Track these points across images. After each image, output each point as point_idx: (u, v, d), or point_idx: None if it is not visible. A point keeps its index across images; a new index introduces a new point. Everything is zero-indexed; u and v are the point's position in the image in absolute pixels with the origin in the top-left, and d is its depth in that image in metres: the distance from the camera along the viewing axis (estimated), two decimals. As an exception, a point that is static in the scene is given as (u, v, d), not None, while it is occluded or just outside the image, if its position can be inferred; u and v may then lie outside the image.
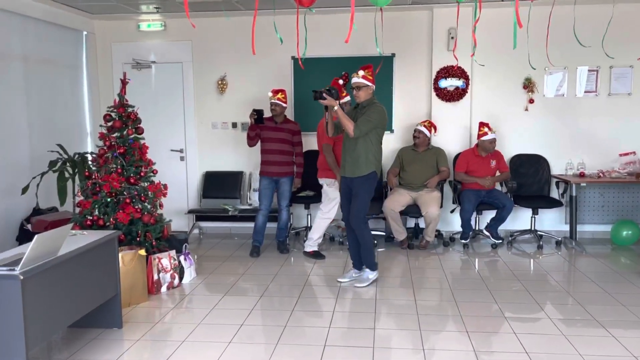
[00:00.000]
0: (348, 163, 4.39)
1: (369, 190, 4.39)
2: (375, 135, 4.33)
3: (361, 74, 4.31)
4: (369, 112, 4.28)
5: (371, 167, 4.33)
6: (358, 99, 4.37)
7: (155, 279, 4.27)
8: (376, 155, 4.38)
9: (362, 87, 4.31)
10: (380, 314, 3.85)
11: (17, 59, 5.23)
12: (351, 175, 4.39)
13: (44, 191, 5.18)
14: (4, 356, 2.60)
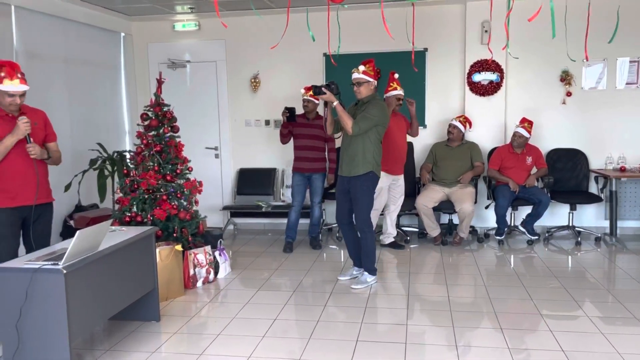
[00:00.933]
0: (344, 162, 4.25)
1: (369, 192, 4.24)
2: (375, 134, 4.18)
3: (362, 69, 4.16)
4: (369, 108, 4.14)
5: (368, 167, 4.17)
6: (359, 95, 4.22)
7: (191, 273, 4.37)
8: (375, 154, 4.20)
9: (363, 82, 4.17)
10: (412, 310, 3.84)
11: (59, 61, 5.42)
12: (347, 175, 4.24)
13: (86, 188, 5.36)
14: (48, 347, 2.72)
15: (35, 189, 3.37)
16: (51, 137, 3.61)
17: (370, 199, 4.31)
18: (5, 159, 3.26)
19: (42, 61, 5.14)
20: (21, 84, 3.25)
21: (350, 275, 4.53)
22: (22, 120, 3.24)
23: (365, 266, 4.41)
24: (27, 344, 2.72)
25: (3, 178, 3.28)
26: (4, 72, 3.19)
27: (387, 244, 5.51)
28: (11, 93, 3.23)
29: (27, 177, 3.35)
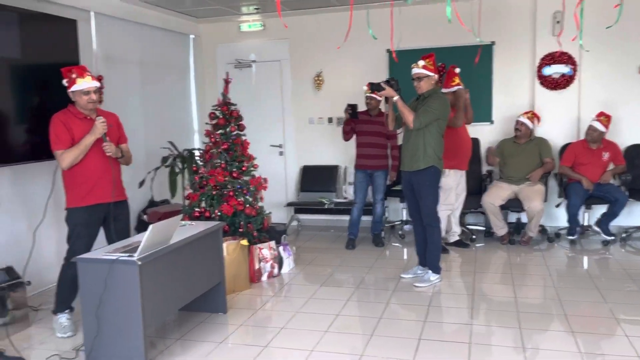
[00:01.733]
0: (406, 156, 4.25)
1: (433, 186, 4.22)
2: (436, 128, 4.15)
3: (421, 64, 4.15)
4: (430, 102, 4.12)
5: (430, 161, 4.14)
6: (419, 89, 4.20)
7: (256, 268, 4.49)
8: (436, 149, 4.17)
9: (423, 77, 4.16)
10: (477, 310, 3.76)
11: (134, 64, 5.70)
12: (409, 169, 4.24)
13: (158, 185, 5.62)
14: (124, 334, 2.89)
15: (110, 187, 3.51)
16: (123, 139, 3.77)
17: (436, 193, 4.28)
18: (84, 159, 3.42)
19: (119, 64, 5.43)
20: (93, 80, 3.40)
21: (413, 274, 4.49)
22: (99, 120, 3.41)
23: (429, 263, 4.36)
24: (105, 331, 2.90)
25: (82, 176, 3.44)
26: (75, 73, 3.36)
27: (452, 243, 5.42)
28: (86, 90, 3.37)
29: (103, 176, 3.50)
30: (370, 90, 4.23)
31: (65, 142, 3.38)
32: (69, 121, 3.40)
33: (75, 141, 3.40)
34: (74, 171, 3.43)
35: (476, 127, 5.81)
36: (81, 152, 3.39)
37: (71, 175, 3.45)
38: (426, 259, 4.40)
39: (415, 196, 4.30)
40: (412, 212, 4.42)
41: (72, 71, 3.37)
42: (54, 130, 3.38)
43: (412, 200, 4.36)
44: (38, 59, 4.06)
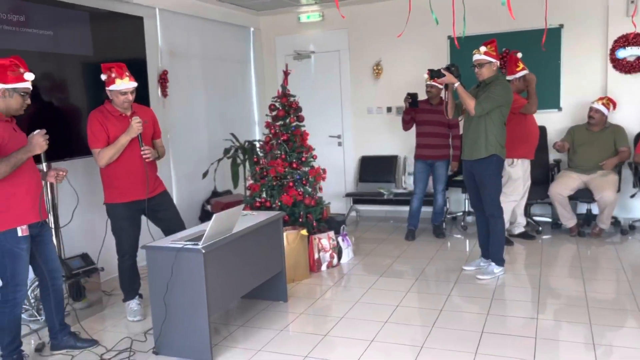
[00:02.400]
0: (467, 144, 4.16)
1: (495, 175, 4.12)
2: (498, 115, 4.03)
3: (483, 50, 4.05)
4: (492, 88, 4.00)
5: (491, 149, 4.03)
6: (480, 76, 4.10)
7: (315, 257, 4.53)
8: (498, 137, 4.05)
9: (485, 64, 4.05)
10: (544, 304, 3.63)
11: (197, 57, 5.86)
12: (469, 158, 4.14)
13: (220, 175, 5.77)
14: (190, 320, 3.00)
15: (144, 185, 3.56)
16: (158, 134, 3.80)
17: (498, 182, 4.17)
18: (119, 158, 3.48)
19: (182, 59, 5.59)
20: (131, 81, 3.45)
21: (476, 266, 4.39)
22: (135, 121, 3.45)
23: (492, 255, 4.25)
24: (172, 316, 3.02)
25: (118, 174, 3.52)
26: (114, 72, 3.42)
27: (517, 234, 5.24)
28: (123, 91, 3.44)
29: (137, 175, 3.55)
30: (430, 77, 4.14)
31: (102, 140, 3.45)
32: (105, 119, 3.47)
33: (110, 139, 3.46)
34: (110, 169, 3.51)
35: (543, 114, 5.57)
36: (117, 151, 3.45)
37: (108, 174, 3.54)
38: (489, 250, 4.29)
39: (477, 186, 4.20)
40: (474, 203, 4.32)
41: (112, 70, 3.43)
42: (91, 129, 3.46)
43: (474, 191, 4.26)
44: (108, 56, 4.24)
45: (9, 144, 2.81)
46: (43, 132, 2.85)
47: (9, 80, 2.80)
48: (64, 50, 3.85)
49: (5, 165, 2.72)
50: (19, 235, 2.86)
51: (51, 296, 3.14)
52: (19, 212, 2.86)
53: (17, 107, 2.87)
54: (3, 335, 2.93)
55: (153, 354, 3.11)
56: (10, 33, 3.48)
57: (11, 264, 2.87)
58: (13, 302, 2.91)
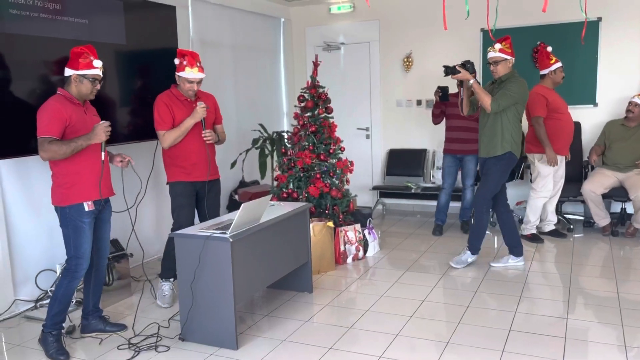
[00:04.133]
0: (483, 142, 4.17)
1: (502, 173, 4.12)
2: (514, 112, 4.04)
3: (498, 47, 4.05)
4: (508, 85, 4.00)
5: (507, 147, 4.04)
6: (496, 74, 4.10)
7: (341, 250, 4.52)
8: (514, 134, 4.05)
9: (500, 61, 4.05)
10: (574, 303, 3.55)
11: (227, 48, 5.88)
12: (485, 155, 4.16)
13: (248, 166, 5.81)
14: (217, 308, 3.03)
15: (206, 167, 3.71)
16: (219, 120, 3.94)
17: (500, 181, 4.18)
18: (182, 140, 3.63)
19: (213, 48, 5.62)
20: (199, 72, 3.58)
21: (504, 263, 4.33)
22: (200, 106, 3.58)
23: (471, 243, 4.33)
24: (199, 304, 3.05)
25: (181, 156, 3.66)
26: (186, 60, 3.54)
27: (547, 232, 5.14)
28: (190, 80, 3.57)
29: (200, 156, 3.70)
30: (445, 74, 4.11)
31: (167, 123, 3.58)
32: (171, 103, 3.61)
33: (175, 122, 3.59)
34: (173, 151, 3.65)
35: (577, 110, 5.44)
36: (181, 134, 3.59)
37: (171, 155, 3.67)
38: (469, 239, 4.35)
39: (481, 180, 4.26)
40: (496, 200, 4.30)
41: (185, 57, 3.55)
42: (157, 111, 3.60)
43: None
44: (140, 45, 4.30)
45: (76, 124, 3.01)
46: (106, 124, 3.02)
47: (80, 66, 3.02)
48: (98, 39, 3.90)
49: (66, 148, 2.92)
50: (85, 209, 3.05)
51: (93, 275, 3.27)
52: (85, 189, 3.06)
53: (87, 92, 3.08)
54: (53, 304, 3.06)
55: (179, 340, 3.15)
56: (47, 21, 3.54)
57: (75, 237, 3.05)
58: (74, 274, 3.06)
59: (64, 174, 3.02)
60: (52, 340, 3.04)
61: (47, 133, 2.91)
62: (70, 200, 3.03)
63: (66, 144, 2.92)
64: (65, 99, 3.02)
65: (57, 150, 2.90)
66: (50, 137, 2.91)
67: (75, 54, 3.03)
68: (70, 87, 3.04)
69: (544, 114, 4.74)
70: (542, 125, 4.75)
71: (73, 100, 3.04)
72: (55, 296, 3.07)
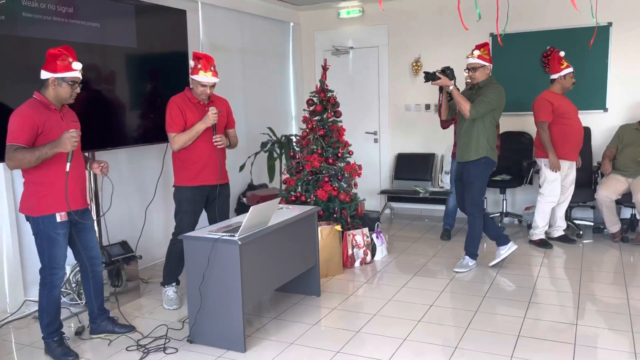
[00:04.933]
0: (459, 147, 4.29)
1: (482, 177, 4.23)
2: (490, 118, 4.15)
3: (476, 54, 4.14)
4: (486, 92, 4.10)
5: (482, 152, 4.14)
6: (474, 80, 4.20)
7: (349, 253, 4.52)
8: (489, 139, 4.16)
9: (479, 67, 4.15)
10: (584, 309, 3.53)
11: (237, 52, 5.91)
12: (461, 160, 4.28)
13: (257, 169, 5.83)
14: (225, 310, 3.03)
15: (216, 171, 3.70)
16: (231, 124, 3.93)
17: (483, 184, 4.29)
18: (193, 144, 3.61)
19: (223, 52, 5.65)
20: (213, 77, 3.57)
21: (499, 257, 4.45)
22: (212, 111, 3.57)
23: (467, 249, 4.42)
24: (208, 306, 3.06)
25: (189, 160, 3.65)
26: (200, 64, 3.53)
27: (556, 237, 5.11)
28: (204, 83, 3.56)
29: (209, 160, 3.68)
30: (425, 80, 4.14)
31: (179, 125, 3.58)
32: (184, 105, 3.61)
33: (187, 125, 3.59)
34: (183, 154, 3.64)
35: (587, 115, 5.41)
36: (191, 138, 3.58)
37: (180, 158, 3.66)
38: (465, 245, 4.42)
39: (465, 190, 4.31)
40: (462, 204, 4.42)
41: (200, 60, 3.54)
42: (170, 113, 3.60)
43: (461, 192, 4.39)
44: (151, 49, 4.33)
45: (50, 131, 2.86)
46: (73, 133, 2.81)
47: (58, 69, 2.87)
48: (109, 42, 3.94)
49: (31, 156, 2.77)
50: (57, 220, 2.94)
51: (90, 282, 3.23)
52: (57, 199, 2.93)
53: (65, 96, 2.94)
54: (43, 316, 3.03)
55: (188, 342, 3.16)
56: (59, 24, 3.58)
57: (49, 248, 2.96)
58: (50, 284, 3.00)
59: (37, 183, 2.90)
60: (56, 345, 3.03)
61: (14, 140, 2.76)
62: (41, 211, 2.90)
63: (30, 152, 2.76)
64: (41, 104, 2.88)
65: (22, 159, 2.75)
66: (17, 145, 2.76)
67: (52, 55, 2.87)
68: (48, 91, 2.89)
69: (549, 119, 4.73)
70: (546, 130, 4.75)
71: (49, 105, 2.89)
72: (41, 308, 3.02)
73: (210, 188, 3.73)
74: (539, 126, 4.81)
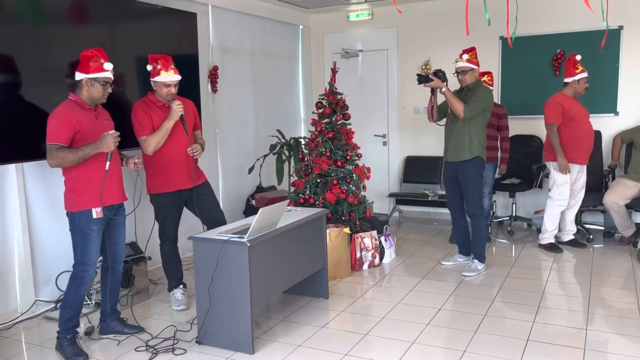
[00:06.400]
0: (451, 147, 4.35)
1: (478, 176, 4.31)
2: (481, 119, 4.25)
3: (466, 57, 4.27)
4: (477, 93, 4.21)
5: (475, 151, 4.24)
6: (463, 83, 4.31)
7: (358, 256, 4.52)
8: (481, 139, 4.27)
9: (468, 71, 4.28)
10: (594, 314, 3.50)
11: (246, 54, 5.94)
12: (454, 160, 4.33)
13: (265, 171, 5.84)
14: (233, 311, 3.04)
15: (189, 175, 3.64)
16: (198, 126, 3.86)
17: (480, 184, 4.36)
18: (164, 150, 3.54)
19: (232, 55, 5.68)
20: (175, 74, 3.51)
21: (453, 262, 4.53)
22: (175, 104, 3.50)
23: (475, 252, 4.45)
24: (216, 307, 3.07)
25: (160, 166, 3.59)
26: (160, 64, 3.48)
27: (566, 242, 5.07)
28: (167, 83, 3.50)
29: (181, 165, 3.62)
30: (418, 82, 4.25)
31: (148, 128, 3.52)
32: (149, 109, 3.55)
33: (155, 128, 3.52)
34: (154, 159, 3.58)
35: (598, 118, 5.38)
36: (163, 137, 3.51)
37: (152, 163, 3.61)
38: (473, 248, 4.47)
39: (456, 186, 4.39)
40: (451, 202, 4.50)
41: (158, 61, 3.49)
42: (136, 118, 3.54)
43: (453, 190, 4.45)
44: (161, 51, 4.34)
45: (87, 130, 2.99)
46: (116, 135, 2.98)
47: (91, 70, 2.99)
48: (119, 44, 3.97)
49: (74, 156, 2.91)
50: (93, 217, 3.03)
51: (109, 279, 3.28)
52: (95, 195, 3.02)
53: (98, 96, 3.05)
54: (64, 311, 3.07)
55: (196, 343, 3.17)
56: (69, 26, 3.61)
57: (82, 243, 3.04)
58: (80, 280, 3.06)
59: (75, 180, 3.01)
60: (68, 343, 3.06)
61: (55, 140, 2.89)
62: (79, 207, 3.01)
63: (74, 152, 2.90)
64: (76, 104, 3.00)
65: (65, 158, 2.89)
66: (59, 144, 2.89)
67: (86, 57, 2.99)
68: (82, 92, 3.02)
69: (559, 121, 4.71)
70: (555, 133, 4.73)
71: (84, 105, 3.01)
72: (65, 303, 3.07)
73: (187, 191, 3.68)
74: (548, 128, 4.79)
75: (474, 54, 4.32)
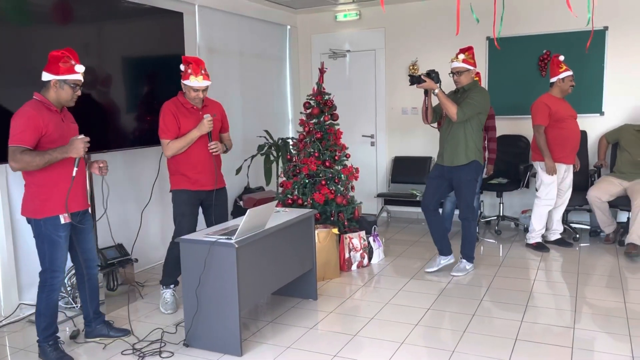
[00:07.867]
0: (446, 151, 4.21)
1: (473, 181, 4.24)
2: (476, 121, 4.13)
3: (461, 57, 4.15)
4: (472, 95, 4.08)
5: (471, 155, 4.12)
6: (459, 84, 4.20)
7: (346, 257, 4.51)
8: (477, 142, 4.15)
9: (464, 71, 4.16)
10: (580, 313, 3.53)
11: (234, 55, 5.91)
12: (449, 164, 4.19)
13: (254, 172, 5.81)
14: (221, 314, 3.02)
15: (211, 176, 3.67)
16: (226, 128, 3.91)
17: (474, 189, 4.32)
18: (188, 149, 3.59)
19: (220, 55, 5.64)
20: (204, 80, 3.53)
21: (437, 266, 4.45)
22: (207, 119, 3.54)
23: (465, 253, 4.40)
24: (204, 310, 3.05)
25: (185, 165, 3.62)
26: (190, 69, 3.50)
27: (553, 241, 5.11)
28: (195, 88, 3.53)
29: (205, 166, 3.65)
30: (410, 83, 4.13)
31: (172, 132, 3.55)
32: (177, 111, 3.57)
33: (181, 130, 3.56)
34: (178, 159, 3.61)
35: (584, 119, 5.42)
36: (185, 145, 3.55)
37: (176, 163, 3.64)
38: (462, 250, 4.40)
39: (440, 187, 4.30)
40: (428, 203, 4.36)
41: (190, 65, 3.51)
42: (163, 120, 3.57)
43: (434, 191, 4.33)
44: (147, 51, 4.32)
45: (53, 133, 2.86)
46: (85, 139, 2.86)
47: (61, 71, 2.85)
48: (105, 44, 3.93)
49: (40, 159, 2.77)
50: (61, 222, 2.92)
51: (86, 285, 3.20)
52: (62, 201, 2.91)
53: (67, 99, 2.93)
54: (40, 320, 3.00)
55: (184, 346, 3.14)
56: (54, 26, 3.56)
57: (50, 250, 2.94)
58: (50, 287, 2.97)
59: (40, 185, 2.87)
60: (51, 349, 3.00)
61: (19, 142, 2.74)
62: (45, 213, 2.88)
63: (40, 155, 2.75)
64: (43, 105, 2.85)
65: (30, 162, 2.74)
66: (23, 147, 2.74)
67: (55, 57, 2.84)
68: (49, 93, 2.87)
69: (545, 122, 4.74)
70: (542, 134, 4.76)
71: (50, 107, 2.87)
72: (39, 312, 2.98)
73: (206, 193, 3.71)
74: (535, 129, 4.82)
75: (470, 54, 4.19)
